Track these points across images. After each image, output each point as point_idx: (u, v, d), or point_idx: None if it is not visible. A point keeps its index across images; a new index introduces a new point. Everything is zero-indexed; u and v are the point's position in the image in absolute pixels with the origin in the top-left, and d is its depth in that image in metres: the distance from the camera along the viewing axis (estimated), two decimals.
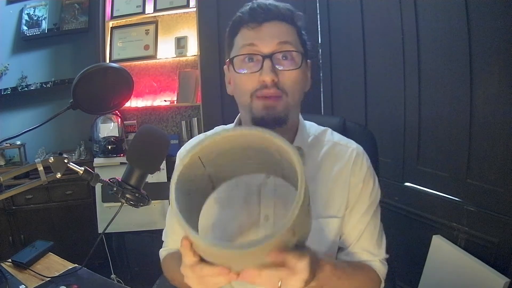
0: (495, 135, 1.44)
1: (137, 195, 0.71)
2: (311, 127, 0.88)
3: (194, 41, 2.46)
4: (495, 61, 1.42)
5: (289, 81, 0.74)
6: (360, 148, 0.86)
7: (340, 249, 0.85)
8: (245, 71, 0.75)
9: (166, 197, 0.52)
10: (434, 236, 1.68)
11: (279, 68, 0.73)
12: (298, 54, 0.75)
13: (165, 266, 0.93)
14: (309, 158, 0.82)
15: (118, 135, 2.40)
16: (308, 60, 0.81)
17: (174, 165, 0.88)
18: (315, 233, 0.76)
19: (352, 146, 0.85)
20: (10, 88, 2.68)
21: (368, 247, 0.83)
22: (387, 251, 0.86)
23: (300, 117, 0.86)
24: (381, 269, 0.84)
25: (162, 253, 0.95)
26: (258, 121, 0.75)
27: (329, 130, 0.89)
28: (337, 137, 0.87)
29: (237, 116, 0.88)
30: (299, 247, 0.52)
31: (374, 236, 0.84)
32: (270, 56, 0.73)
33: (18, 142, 2.52)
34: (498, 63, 1.40)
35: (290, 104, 0.75)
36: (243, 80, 0.75)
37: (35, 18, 2.70)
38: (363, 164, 0.83)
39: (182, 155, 0.91)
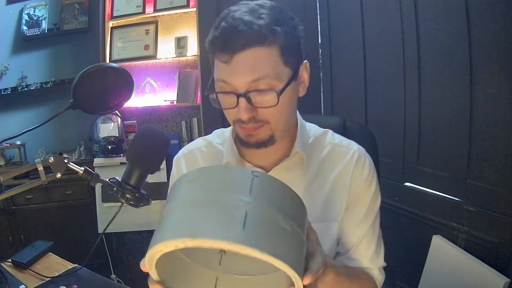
0: (495, 135, 1.44)
1: (137, 195, 0.71)
2: (311, 129, 0.86)
3: (194, 41, 2.46)
4: (495, 61, 1.42)
5: (268, 114, 0.69)
6: (362, 150, 0.84)
7: (339, 253, 0.83)
8: (223, 106, 0.72)
9: (166, 197, 0.52)
10: (434, 236, 1.67)
11: (256, 105, 0.68)
12: (273, 92, 0.67)
13: None
14: (309, 161, 0.81)
15: (118, 135, 2.40)
16: (305, 61, 0.74)
17: None
18: None
19: (353, 148, 0.83)
20: (10, 88, 2.68)
21: (367, 254, 0.82)
22: (386, 257, 0.85)
23: (300, 119, 0.82)
24: (379, 278, 0.83)
25: None
26: (243, 143, 0.75)
27: (330, 131, 0.86)
28: (338, 138, 0.85)
29: None
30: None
31: (373, 243, 0.82)
32: (244, 95, 0.67)
33: (18, 142, 2.53)
34: (498, 63, 1.40)
35: (273, 129, 0.71)
36: (224, 110, 0.73)
37: (35, 18, 2.70)
38: (365, 166, 0.81)
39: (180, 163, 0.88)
